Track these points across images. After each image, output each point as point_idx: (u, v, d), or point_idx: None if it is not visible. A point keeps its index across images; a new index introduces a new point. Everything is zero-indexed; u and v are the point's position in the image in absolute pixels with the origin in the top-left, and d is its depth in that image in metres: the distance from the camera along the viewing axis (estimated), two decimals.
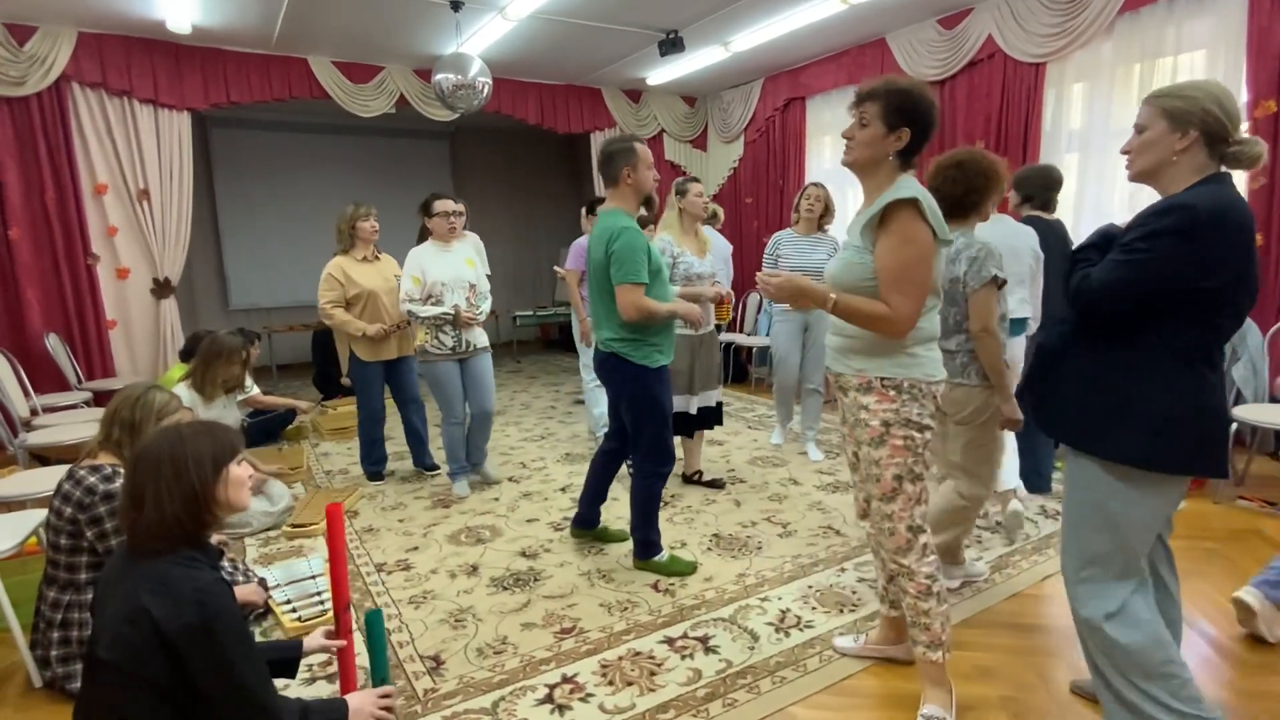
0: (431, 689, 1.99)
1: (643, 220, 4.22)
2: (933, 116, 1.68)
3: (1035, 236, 2.97)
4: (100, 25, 4.67)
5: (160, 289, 5.19)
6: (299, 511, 3.27)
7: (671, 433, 2.66)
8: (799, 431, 4.18)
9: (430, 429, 3.96)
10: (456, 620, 2.36)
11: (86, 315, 4.98)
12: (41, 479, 2.75)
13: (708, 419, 3.49)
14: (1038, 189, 3.27)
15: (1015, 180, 3.39)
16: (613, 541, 2.92)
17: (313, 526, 3.11)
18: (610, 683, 2.00)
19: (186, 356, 3.73)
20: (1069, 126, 4.54)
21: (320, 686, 2.02)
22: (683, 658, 2.11)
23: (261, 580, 2.43)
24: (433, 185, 4.38)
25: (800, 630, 2.25)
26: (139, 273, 5.15)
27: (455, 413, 3.46)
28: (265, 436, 4.59)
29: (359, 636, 2.18)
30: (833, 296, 1.68)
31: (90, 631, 1.37)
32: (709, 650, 2.15)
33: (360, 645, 2.14)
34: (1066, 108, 4.53)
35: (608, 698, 1.93)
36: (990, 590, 2.47)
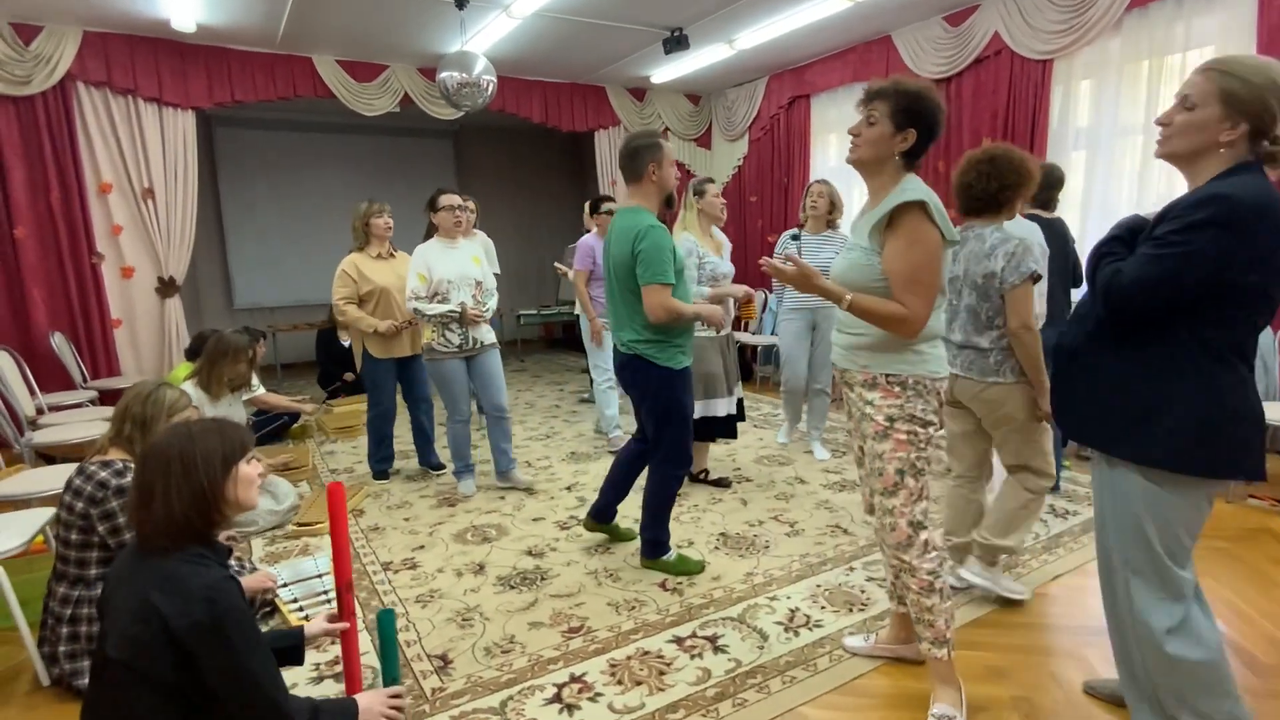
0: (439, 688, 1.98)
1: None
2: (939, 119, 1.69)
3: (1041, 233, 2.95)
4: (105, 24, 4.67)
5: (165, 288, 5.19)
6: (304, 510, 3.27)
7: (692, 435, 2.62)
8: (804, 431, 4.17)
9: (436, 429, 3.96)
10: (464, 619, 2.35)
11: (91, 314, 4.98)
12: (48, 478, 2.75)
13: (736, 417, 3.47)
14: (1039, 187, 3.26)
15: None
16: (622, 540, 2.90)
17: (318, 525, 3.10)
18: (619, 682, 1.99)
19: (193, 355, 3.73)
20: (1076, 124, 4.51)
21: (328, 686, 2.01)
22: (692, 657, 2.10)
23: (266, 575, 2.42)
24: (437, 184, 4.36)
25: (809, 629, 2.24)
26: (144, 272, 5.15)
27: (460, 411, 3.46)
28: (270, 436, 4.59)
29: (366, 636, 2.19)
30: (849, 296, 1.67)
31: (98, 629, 1.37)
32: (718, 650, 2.13)
33: (366, 644, 2.15)
34: (1074, 105, 4.50)
35: (617, 697, 1.92)
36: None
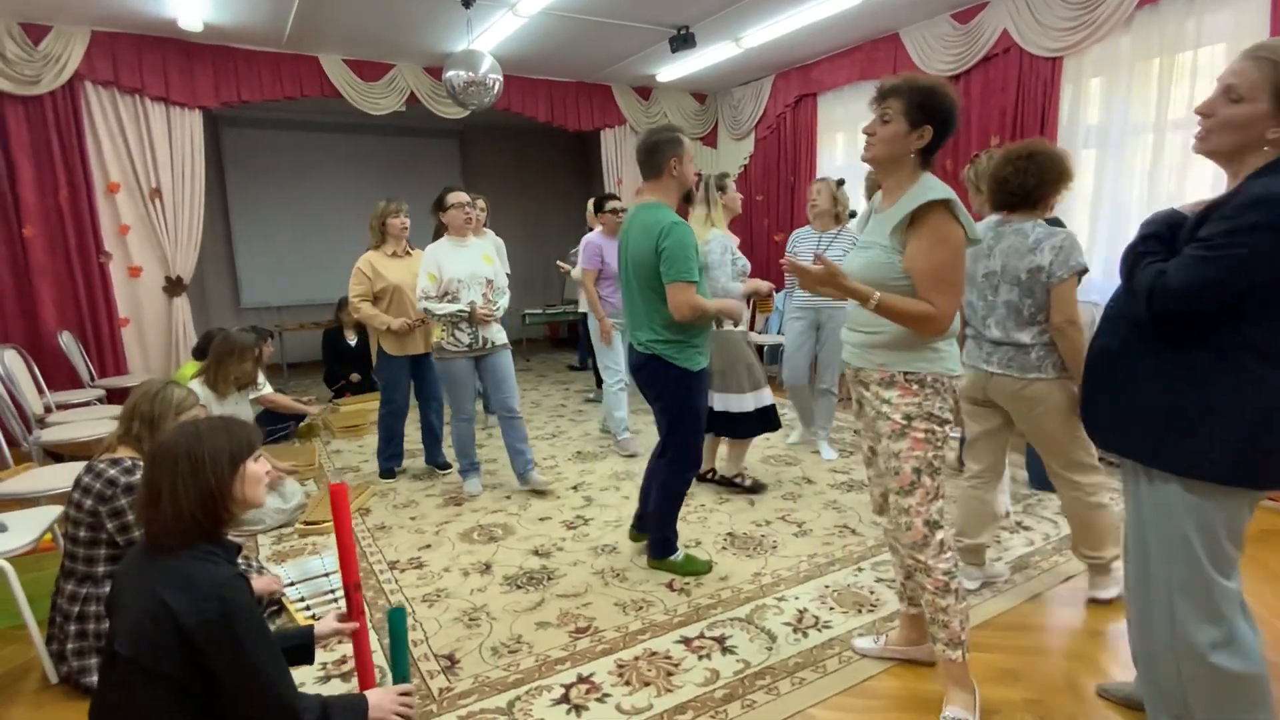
0: (447, 688, 1.97)
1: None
2: (954, 115, 1.67)
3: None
4: (113, 24, 4.68)
5: (172, 287, 5.20)
6: (311, 509, 3.26)
7: (703, 438, 2.59)
8: (812, 431, 4.15)
9: (445, 428, 3.95)
10: (470, 619, 2.35)
11: (99, 313, 4.99)
12: (56, 476, 2.75)
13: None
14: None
15: None
16: (694, 574, 2.77)
17: (325, 524, 3.09)
18: (627, 683, 1.98)
19: (200, 354, 3.73)
20: (1086, 122, 4.48)
21: (335, 685, 2.00)
22: (700, 658, 2.09)
23: (275, 578, 2.42)
24: (443, 184, 4.34)
25: (818, 630, 2.22)
26: (151, 271, 5.16)
27: (464, 410, 3.45)
28: (277, 434, 4.60)
29: (374, 635, 2.18)
30: (876, 295, 1.64)
31: (107, 627, 1.36)
32: (726, 650, 2.12)
33: (375, 642, 2.14)
34: (1083, 103, 4.47)
35: (625, 698, 1.91)
36: (1011, 591, 2.43)
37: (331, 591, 2.46)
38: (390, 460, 3.81)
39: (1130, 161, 4.23)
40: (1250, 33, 3.64)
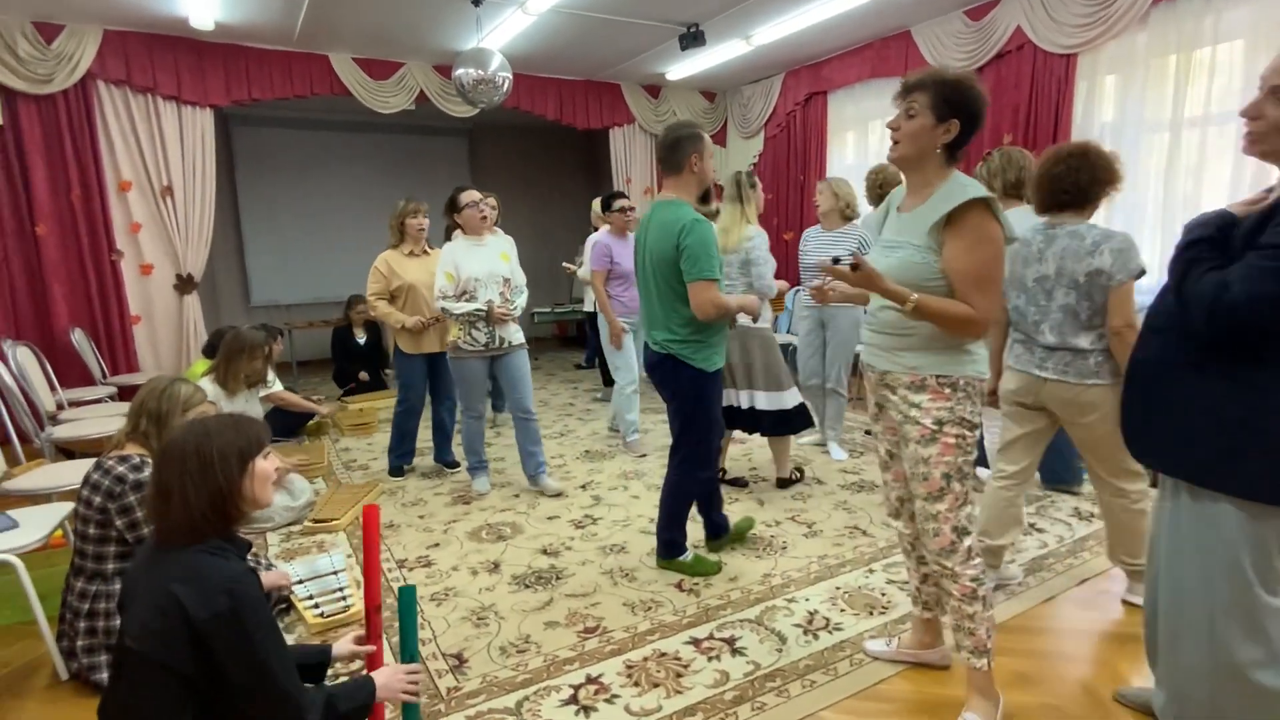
0: (455, 687, 1.97)
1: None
2: (982, 108, 1.62)
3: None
4: (125, 23, 4.71)
5: (183, 285, 5.23)
6: (320, 507, 3.26)
7: (718, 439, 2.55)
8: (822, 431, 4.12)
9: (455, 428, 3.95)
10: (479, 618, 2.34)
11: (111, 311, 5.02)
12: (67, 472, 2.76)
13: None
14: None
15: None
16: (745, 533, 2.84)
17: (334, 522, 3.10)
18: (636, 684, 1.96)
19: (210, 352, 3.74)
20: (1101, 119, 4.43)
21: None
22: (709, 659, 2.07)
23: (284, 573, 2.42)
24: (452, 182, 4.35)
25: (829, 632, 2.20)
26: (162, 269, 5.19)
27: (475, 408, 3.43)
28: (286, 432, 4.61)
29: (390, 654, 2.17)
30: (914, 297, 1.58)
31: (119, 624, 1.36)
32: (736, 652, 2.10)
33: (389, 658, 2.12)
34: (1098, 100, 4.42)
35: (634, 699, 1.90)
36: (1025, 594, 2.40)
37: (340, 589, 2.46)
38: (401, 458, 3.82)
39: (1145, 160, 4.18)
40: (1269, 29, 3.60)
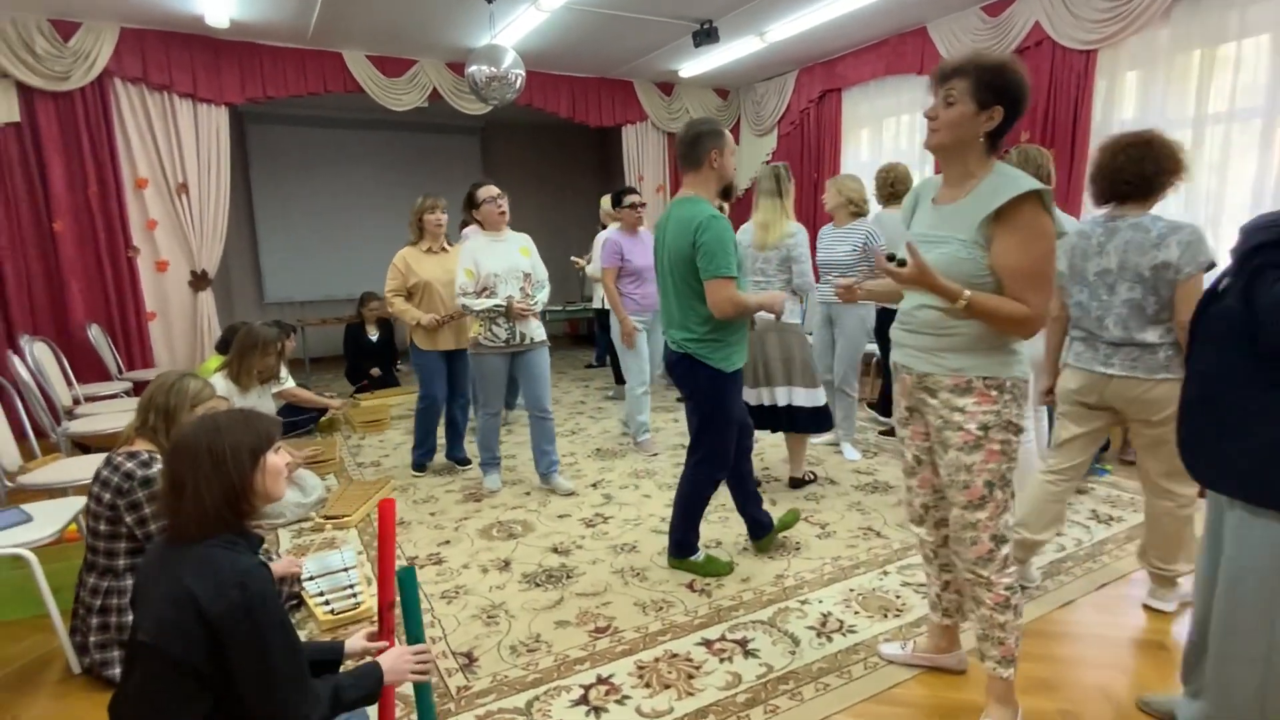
0: (464, 686, 1.95)
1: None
2: (1026, 93, 1.53)
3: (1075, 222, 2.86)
4: (142, 20, 4.74)
5: (198, 281, 5.27)
6: (331, 503, 3.27)
7: (734, 440, 2.52)
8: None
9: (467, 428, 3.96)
10: (489, 616, 2.33)
11: (127, 307, 5.06)
12: (82, 466, 2.78)
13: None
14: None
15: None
16: (791, 525, 2.82)
17: (345, 518, 3.10)
18: (647, 685, 1.94)
19: (223, 348, 3.76)
20: (1121, 117, 4.36)
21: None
22: (721, 661, 2.05)
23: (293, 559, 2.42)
24: (465, 180, 4.36)
25: (843, 635, 2.17)
26: (177, 265, 5.22)
27: (493, 405, 3.41)
28: (299, 429, 4.62)
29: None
30: (966, 294, 1.49)
31: (131, 620, 1.35)
32: (748, 654, 2.08)
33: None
34: (1118, 97, 4.35)
35: (645, 700, 1.88)
36: (1043, 598, 2.36)
37: (350, 586, 2.45)
38: (424, 455, 3.82)
39: None
40: None
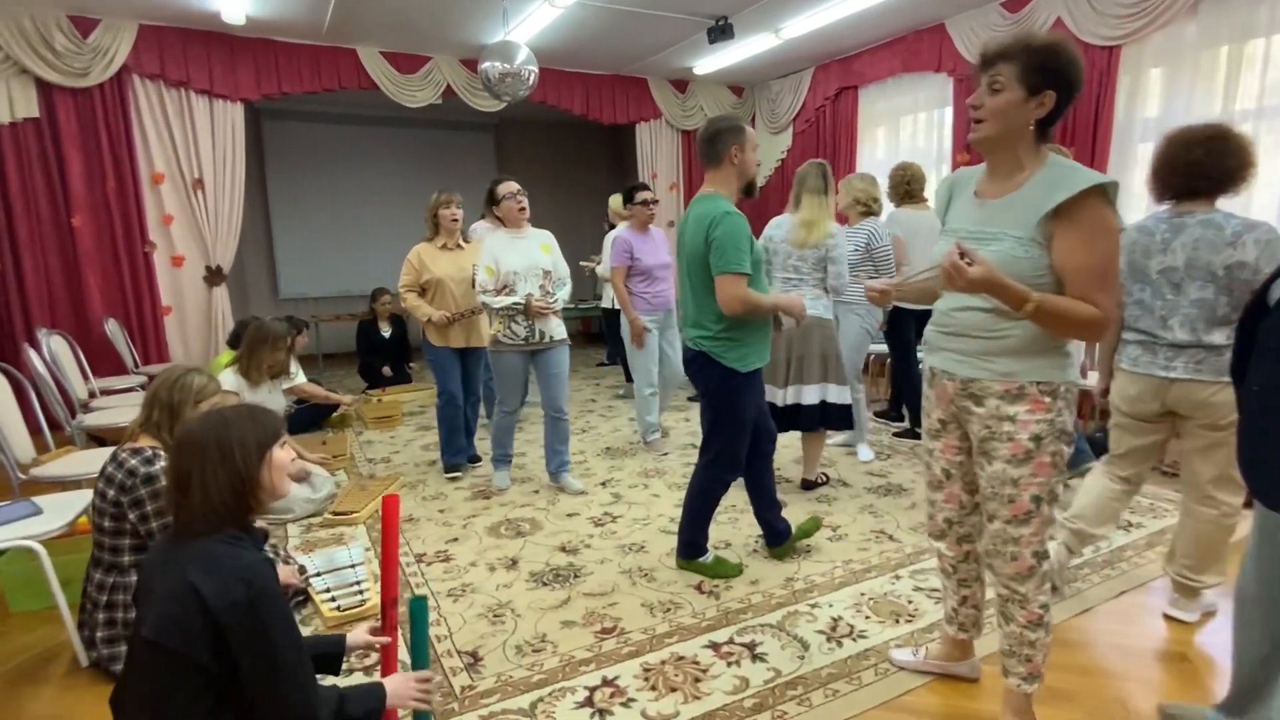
0: (469, 686, 1.94)
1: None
2: (1080, 76, 1.42)
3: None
4: (159, 17, 4.77)
5: (212, 276, 5.30)
6: (340, 499, 3.27)
7: (746, 442, 2.48)
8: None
9: (480, 428, 3.94)
10: (495, 615, 2.31)
11: (143, 301, 5.11)
12: (94, 459, 2.79)
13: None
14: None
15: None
16: (811, 533, 2.75)
17: (354, 515, 3.10)
18: (653, 687, 1.91)
19: (235, 343, 3.77)
20: (1144, 115, 4.27)
21: (357, 679, 1.98)
22: (729, 664, 2.01)
23: (301, 568, 2.42)
24: (479, 177, 4.37)
25: (854, 640, 2.13)
26: (192, 260, 5.26)
27: (509, 402, 3.39)
28: (310, 424, 4.64)
29: (404, 648, 2.15)
30: (1035, 297, 1.38)
31: (135, 615, 1.34)
32: (756, 658, 2.04)
33: (404, 654, 2.10)
34: (1142, 95, 4.26)
35: (650, 703, 1.85)
36: (1061, 605, 2.30)
37: (358, 583, 2.44)
38: (455, 456, 3.68)
39: None
40: None
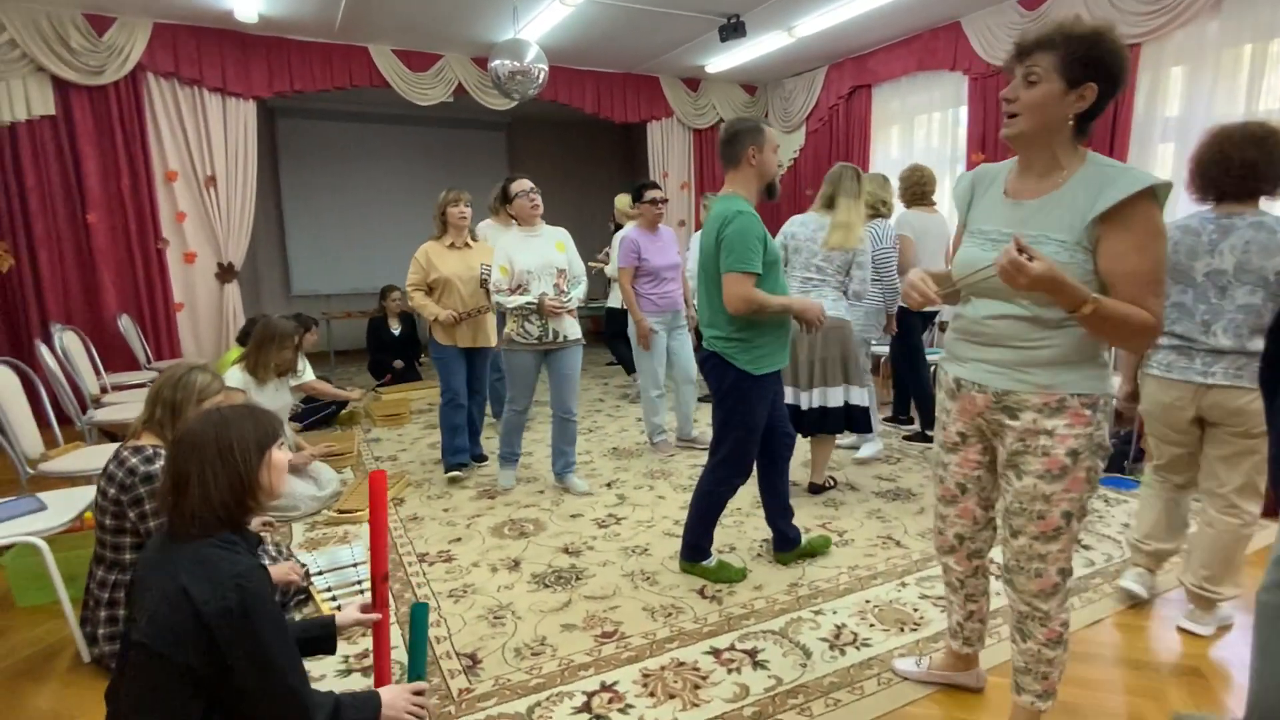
0: (466, 689, 1.93)
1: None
2: (1125, 68, 1.35)
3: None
4: (174, 16, 4.81)
5: (224, 273, 5.34)
6: (346, 497, 3.28)
7: (757, 446, 2.46)
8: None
9: (486, 427, 3.94)
10: (495, 617, 2.30)
11: (156, 297, 5.16)
12: (102, 455, 2.80)
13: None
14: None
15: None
16: (819, 552, 2.70)
17: (359, 512, 3.10)
18: (651, 694, 1.89)
19: (245, 340, 3.79)
20: (1164, 114, 4.19)
21: (355, 680, 1.98)
22: (729, 671, 1.99)
23: (303, 566, 2.42)
24: (491, 175, 4.37)
25: (857, 648, 2.10)
26: (205, 257, 5.30)
27: (519, 402, 3.38)
28: (319, 422, 4.66)
29: (398, 629, 2.15)
30: (1093, 298, 1.29)
31: (127, 614, 1.35)
32: (757, 665, 2.02)
33: (397, 637, 2.11)
34: (1162, 93, 4.19)
35: (648, 710, 1.83)
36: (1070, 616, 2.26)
37: (359, 582, 2.44)
38: (455, 456, 3.61)
39: None
40: None
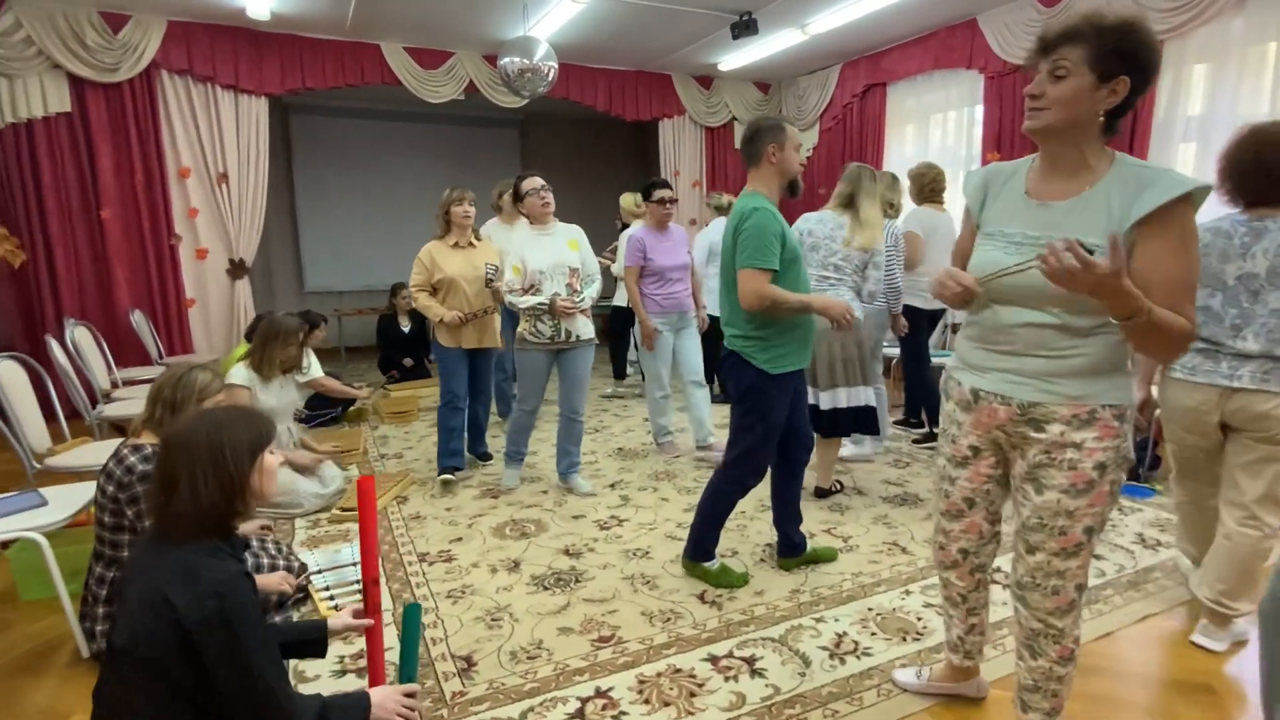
0: (460, 692, 1.91)
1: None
2: (1157, 61, 1.30)
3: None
4: (187, 14, 4.84)
5: (235, 269, 5.38)
6: (349, 495, 3.28)
7: (772, 449, 2.43)
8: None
9: (492, 426, 3.93)
10: (493, 619, 2.28)
11: (168, 293, 5.21)
12: (109, 451, 2.81)
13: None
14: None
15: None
16: (824, 560, 2.66)
17: None
18: (646, 701, 1.87)
19: (250, 336, 3.81)
20: (1186, 113, 4.10)
21: (350, 680, 1.97)
22: (726, 679, 1.96)
23: (303, 565, 2.42)
24: (503, 173, 4.36)
25: (857, 658, 2.06)
26: (217, 254, 5.34)
27: (529, 402, 3.36)
28: (326, 421, 4.67)
29: (393, 631, 2.14)
30: (1150, 306, 1.20)
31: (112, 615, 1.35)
32: (755, 673, 1.99)
33: (392, 639, 2.10)
34: (1185, 92, 4.09)
35: (642, 718, 1.80)
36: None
37: (357, 582, 2.44)
38: (449, 459, 3.52)
39: None
40: None
